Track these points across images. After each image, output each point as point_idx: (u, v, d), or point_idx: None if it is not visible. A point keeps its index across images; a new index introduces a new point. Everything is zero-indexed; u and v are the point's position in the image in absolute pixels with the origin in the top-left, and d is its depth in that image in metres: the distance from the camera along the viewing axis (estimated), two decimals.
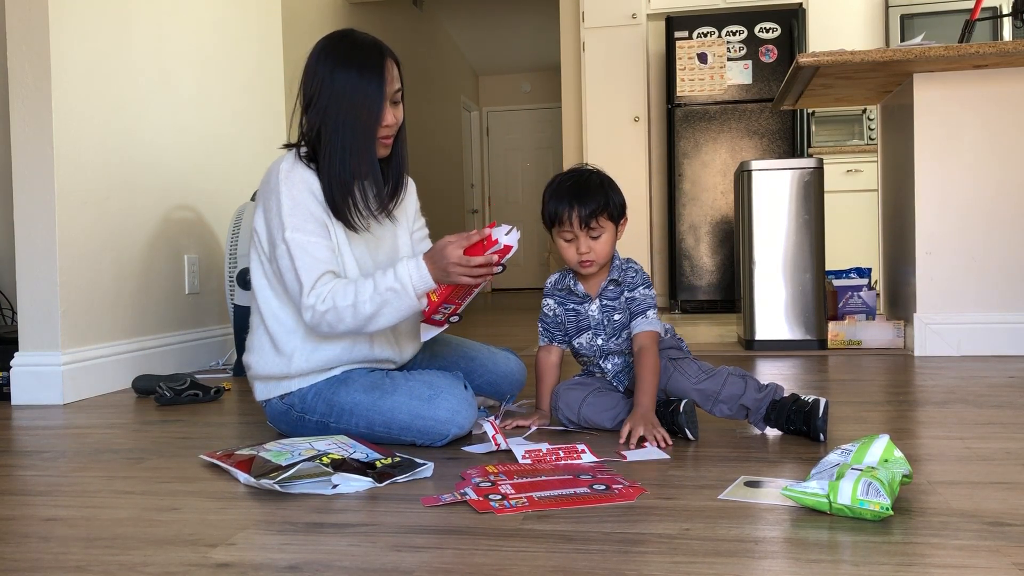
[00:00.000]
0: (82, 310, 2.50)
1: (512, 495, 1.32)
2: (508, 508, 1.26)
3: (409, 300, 1.65)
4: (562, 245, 1.81)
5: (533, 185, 9.09)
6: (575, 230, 1.76)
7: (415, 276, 1.65)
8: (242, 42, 3.42)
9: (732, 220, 5.01)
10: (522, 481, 1.39)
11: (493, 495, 1.32)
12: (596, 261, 1.78)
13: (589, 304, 1.84)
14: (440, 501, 1.31)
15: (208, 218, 3.16)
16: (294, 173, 1.71)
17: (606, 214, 1.76)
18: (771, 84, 4.98)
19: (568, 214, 1.75)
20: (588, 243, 1.77)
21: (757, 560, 1.05)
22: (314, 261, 1.67)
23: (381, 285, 1.64)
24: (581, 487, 1.35)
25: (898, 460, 1.27)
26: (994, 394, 2.15)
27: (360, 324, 1.66)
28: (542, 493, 1.33)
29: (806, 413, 1.68)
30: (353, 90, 1.68)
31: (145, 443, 1.86)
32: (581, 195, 1.75)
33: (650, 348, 1.75)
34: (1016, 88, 2.88)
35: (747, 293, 3.23)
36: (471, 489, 1.35)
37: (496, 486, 1.37)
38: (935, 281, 2.92)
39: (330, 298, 1.65)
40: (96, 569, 1.08)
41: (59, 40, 2.42)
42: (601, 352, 1.86)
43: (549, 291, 1.91)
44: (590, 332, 1.85)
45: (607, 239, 1.78)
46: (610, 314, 1.83)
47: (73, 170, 2.47)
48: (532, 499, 1.30)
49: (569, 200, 1.75)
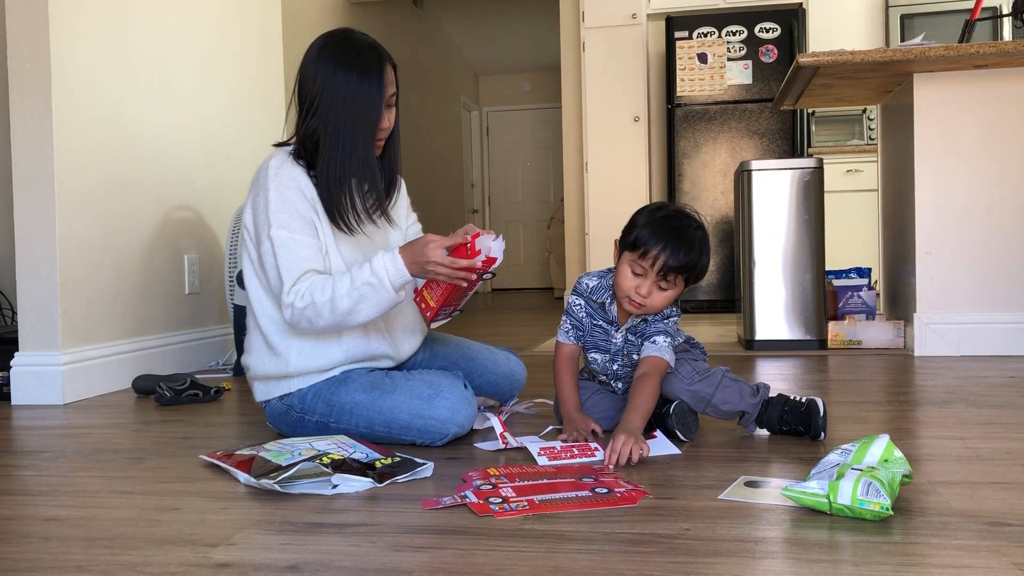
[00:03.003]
0: (82, 310, 2.50)
1: (513, 498, 1.32)
2: (508, 511, 1.26)
3: (386, 294, 1.64)
4: (625, 273, 1.68)
5: (533, 185, 9.10)
6: (650, 271, 1.65)
7: (391, 270, 1.63)
8: (242, 42, 3.41)
9: (732, 220, 5.01)
10: (523, 484, 1.39)
11: (493, 498, 1.32)
12: (646, 308, 1.69)
13: (615, 330, 1.78)
14: (440, 504, 1.31)
15: (208, 218, 3.16)
16: (283, 170, 1.71)
17: (686, 276, 1.68)
18: (771, 84, 4.98)
19: (655, 253, 1.63)
20: (652, 290, 1.66)
21: (757, 560, 1.05)
22: (297, 259, 1.67)
23: (357, 280, 1.63)
24: (583, 490, 1.35)
25: (898, 460, 1.27)
26: (994, 394, 2.15)
27: (338, 320, 1.65)
28: (543, 496, 1.32)
29: (803, 413, 1.67)
30: (354, 94, 1.68)
31: (145, 443, 1.86)
32: (679, 246, 1.63)
33: (652, 376, 1.67)
34: (1016, 88, 2.88)
35: (747, 293, 3.23)
36: (471, 492, 1.35)
37: (497, 488, 1.37)
38: (935, 281, 2.92)
39: (308, 294, 1.64)
40: (96, 569, 1.08)
41: (59, 40, 2.42)
42: (615, 376, 1.83)
43: (583, 293, 1.79)
44: (608, 355, 1.81)
45: (671, 295, 1.68)
46: (632, 350, 1.78)
47: (73, 170, 2.47)
48: (532, 502, 1.29)
49: (665, 243, 1.63)
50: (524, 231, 9.10)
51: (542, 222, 8.76)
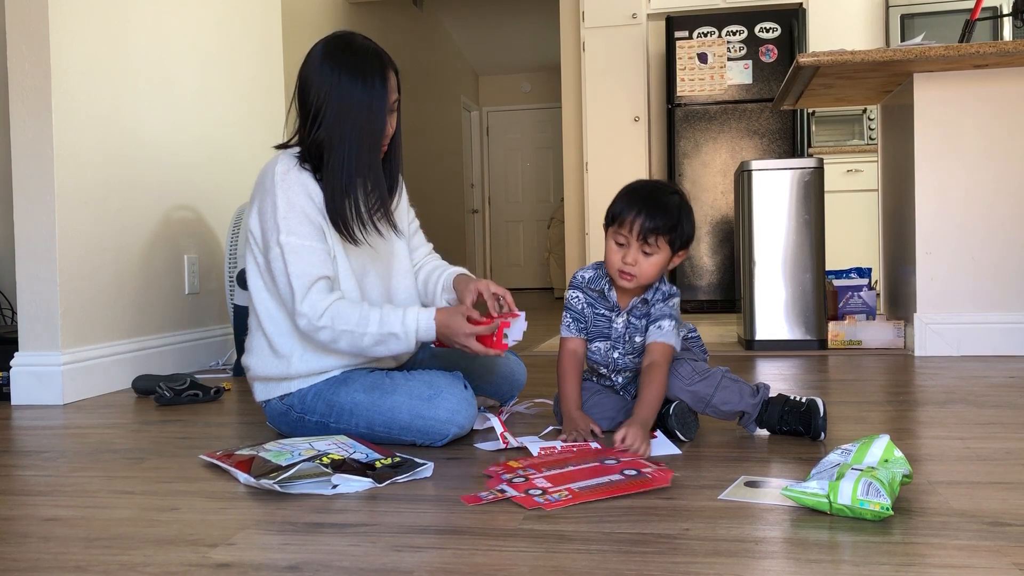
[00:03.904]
0: (82, 310, 2.50)
1: (551, 488, 1.32)
2: (554, 502, 1.26)
3: (408, 346, 1.70)
4: (611, 247, 1.72)
5: (533, 185, 9.10)
6: (630, 237, 1.68)
7: (422, 329, 1.69)
8: (242, 42, 3.41)
9: (732, 220, 5.01)
10: (554, 473, 1.39)
11: (532, 490, 1.31)
12: (637, 277, 1.70)
13: (616, 316, 1.78)
14: (482, 500, 1.30)
15: (208, 218, 3.16)
16: (290, 176, 1.70)
17: (668, 237, 1.69)
18: (771, 84, 4.98)
19: (632, 219, 1.68)
20: (637, 256, 1.68)
21: (757, 560, 1.05)
22: (307, 266, 1.67)
23: (385, 327, 1.67)
24: (613, 474, 1.35)
25: (898, 460, 1.27)
26: (994, 394, 2.15)
27: (353, 351, 1.71)
28: (580, 484, 1.33)
29: (803, 413, 1.67)
30: (359, 102, 1.68)
31: (145, 443, 1.86)
32: (652, 206, 1.67)
33: (660, 364, 1.69)
34: (1016, 88, 2.88)
35: (747, 293, 3.23)
36: (508, 486, 1.34)
37: (530, 480, 1.36)
38: (935, 281, 2.92)
39: (328, 316, 1.66)
40: (96, 569, 1.08)
41: (59, 40, 2.42)
42: (615, 366, 1.83)
43: (580, 285, 1.81)
44: (609, 342, 1.80)
45: (657, 261, 1.70)
46: (633, 333, 1.78)
47: (73, 170, 2.47)
48: (572, 491, 1.30)
49: (640, 207, 1.67)
50: (524, 231, 9.10)
51: (542, 222, 8.75)
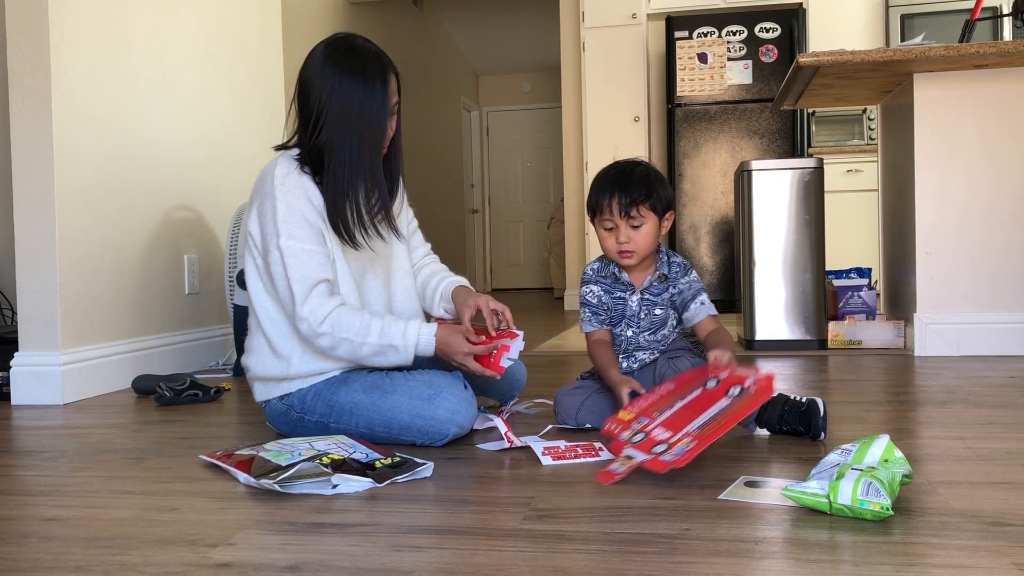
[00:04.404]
0: (82, 310, 2.50)
1: (673, 439, 1.32)
2: (683, 455, 1.27)
3: (405, 359, 1.71)
4: (603, 235, 1.79)
5: (533, 185, 9.10)
6: (615, 219, 1.75)
7: (422, 344, 1.70)
8: (242, 42, 3.41)
9: (732, 220, 5.01)
10: (668, 416, 1.39)
11: (657, 447, 1.32)
12: (636, 252, 1.77)
13: (631, 295, 1.83)
14: (616, 476, 1.32)
15: (208, 218, 3.16)
16: (290, 179, 1.70)
17: (648, 204, 1.75)
18: (771, 84, 4.98)
19: (609, 202, 1.75)
20: (628, 233, 1.75)
21: (757, 560, 1.05)
22: (307, 270, 1.67)
23: (385, 339, 1.68)
24: (721, 399, 1.36)
25: (898, 460, 1.27)
26: (994, 394, 2.15)
27: (351, 359, 1.72)
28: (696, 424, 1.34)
29: (803, 413, 1.67)
30: (360, 105, 1.68)
31: (145, 443, 1.86)
32: (623, 184, 1.75)
33: (720, 329, 1.77)
34: (1016, 88, 2.88)
35: (747, 293, 3.23)
36: (632, 448, 1.34)
37: (650, 435, 1.36)
38: (935, 281, 2.92)
39: (329, 323, 1.66)
40: (96, 569, 1.08)
41: (59, 40, 2.42)
42: (628, 345, 1.85)
43: (591, 278, 1.88)
44: (624, 320, 1.84)
45: (648, 231, 1.76)
46: (650, 308, 1.82)
47: (73, 170, 2.47)
48: (693, 434, 1.31)
49: (611, 188, 1.75)
50: (524, 231, 9.10)
51: (542, 222, 8.75)
